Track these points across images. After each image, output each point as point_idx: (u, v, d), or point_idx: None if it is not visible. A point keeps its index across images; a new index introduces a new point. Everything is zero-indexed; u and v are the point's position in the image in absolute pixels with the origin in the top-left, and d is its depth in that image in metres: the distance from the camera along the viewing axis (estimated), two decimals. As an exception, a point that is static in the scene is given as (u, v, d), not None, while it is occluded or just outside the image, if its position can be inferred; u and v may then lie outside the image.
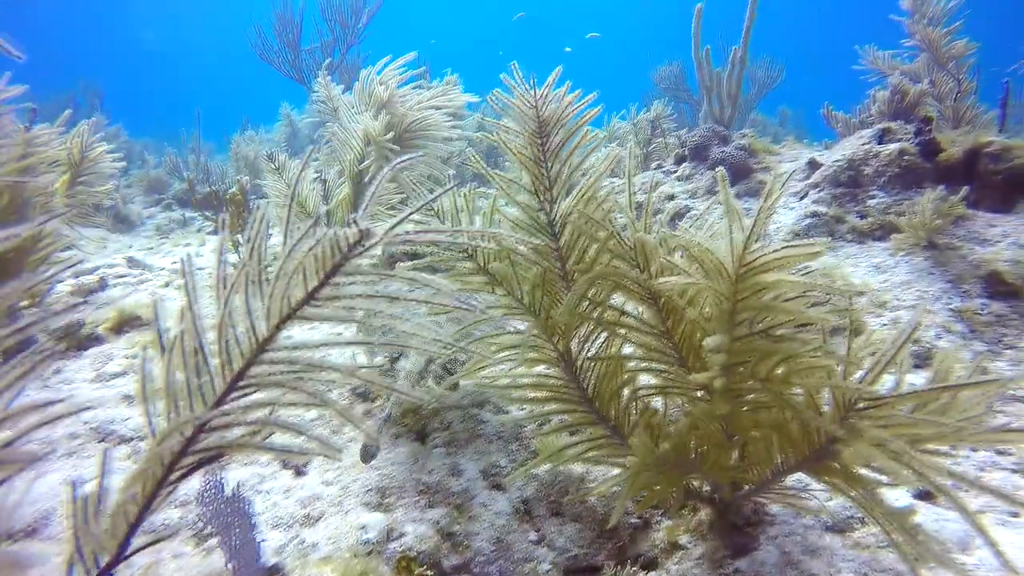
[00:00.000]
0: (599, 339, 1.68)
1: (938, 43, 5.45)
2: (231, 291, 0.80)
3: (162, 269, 4.24)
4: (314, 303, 0.85)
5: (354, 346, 2.47)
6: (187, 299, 0.82)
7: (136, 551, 1.02)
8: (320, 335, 3.04)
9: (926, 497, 1.81)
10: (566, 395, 1.71)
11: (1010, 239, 3.11)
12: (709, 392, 1.38)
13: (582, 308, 1.58)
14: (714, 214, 1.57)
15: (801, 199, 3.90)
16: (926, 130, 3.72)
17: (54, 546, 1.50)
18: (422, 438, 2.15)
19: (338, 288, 0.86)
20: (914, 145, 3.66)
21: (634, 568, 1.68)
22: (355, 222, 0.79)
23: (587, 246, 1.52)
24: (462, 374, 1.75)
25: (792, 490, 1.65)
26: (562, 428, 1.77)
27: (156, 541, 1.07)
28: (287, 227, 0.79)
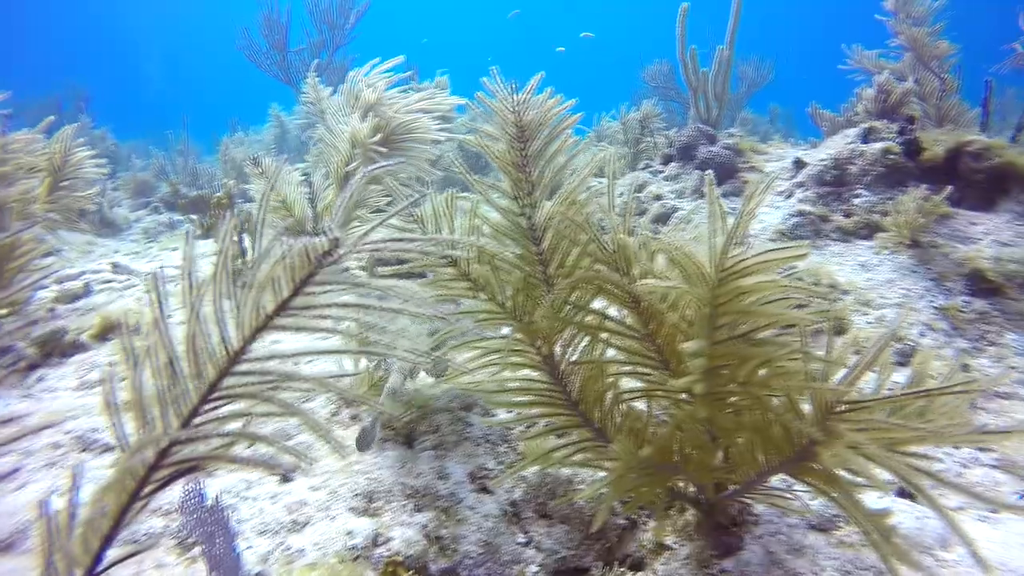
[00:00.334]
0: (584, 343, 1.68)
1: (922, 42, 5.51)
2: (200, 302, 0.79)
3: (148, 274, 4.20)
4: (287, 313, 0.85)
5: (334, 354, 2.46)
6: (156, 313, 0.81)
7: (113, 564, 1.01)
8: (305, 342, 3.03)
9: (908, 495, 1.83)
10: (551, 399, 1.72)
11: (991, 237, 3.14)
12: (691, 395, 1.39)
13: (565, 312, 1.58)
14: (699, 215, 1.57)
15: (787, 198, 3.93)
16: (910, 129, 3.75)
17: (30, 560, 1.49)
18: (410, 442, 2.15)
19: (312, 297, 0.85)
20: (898, 144, 3.69)
21: (622, 569, 1.69)
22: (325, 231, 0.79)
23: (568, 250, 1.52)
24: (445, 379, 1.75)
25: (776, 490, 1.66)
26: (548, 431, 1.77)
27: (134, 553, 1.06)
28: (258, 239, 0.78)
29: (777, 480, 1.75)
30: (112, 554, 1.02)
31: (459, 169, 1.54)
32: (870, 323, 2.84)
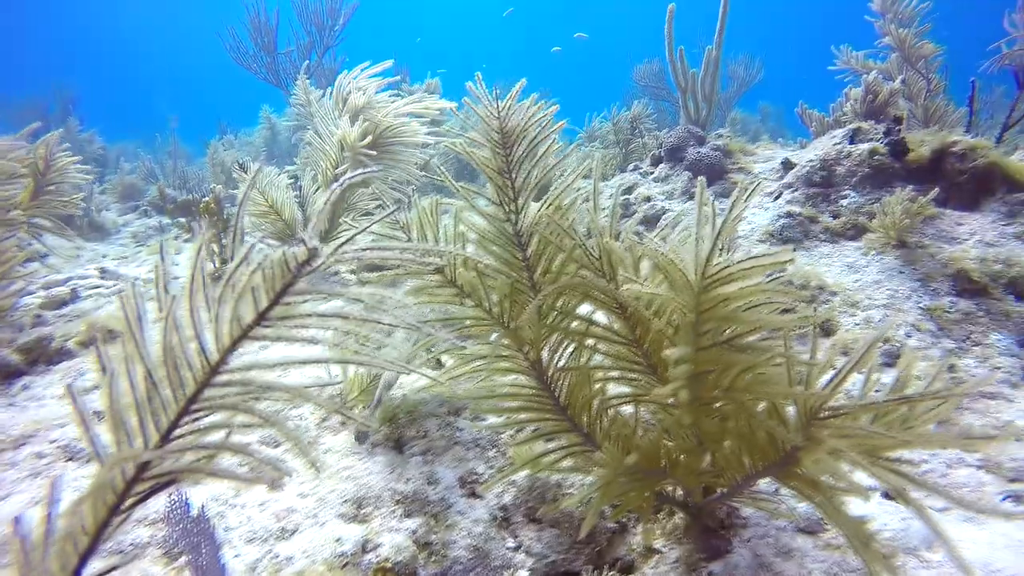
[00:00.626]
0: (571, 348, 1.68)
1: (908, 43, 5.56)
2: (174, 313, 0.79)
3: (137, 279, 4.17)
4: (266, 323, 0.84)
5: (317, 363, 2.45)
6: (130, 326, 0.80)
7: (96, 577, 0.99)
8: (291, 350, 3.01)
9: (894, 497, 1.84)
10: (540, 404, 1.72)
11: (976, 237, 3.17)
12: (677, 401, 1.39)
13: (551, 318, 1.58)
14: (687, 218, 1.57)
15: (776, 199, 3.95)
16: (896, 130, 3.78)
17: (9, 574, 1.47)
18: (399, 447, 2.14)
19: (291, 307, 0.85)
20: (884, 145, 3.72)
21: (612, 572, 1.69)
22: (304, 240, 0.78)
23: (554, 255, 1.52)
24: (429, 386, 1.74)
25: (764, 494, 1.67)
26: (537, 436, 1.77)
27: (116, 567, 1.05)
28: (234, 248, 0.78)
29: (764, 483, 1.76)
30: (96, 566, 1.01)
31: (443, 176, 1.54)
32: (858, 324, 2.86)
